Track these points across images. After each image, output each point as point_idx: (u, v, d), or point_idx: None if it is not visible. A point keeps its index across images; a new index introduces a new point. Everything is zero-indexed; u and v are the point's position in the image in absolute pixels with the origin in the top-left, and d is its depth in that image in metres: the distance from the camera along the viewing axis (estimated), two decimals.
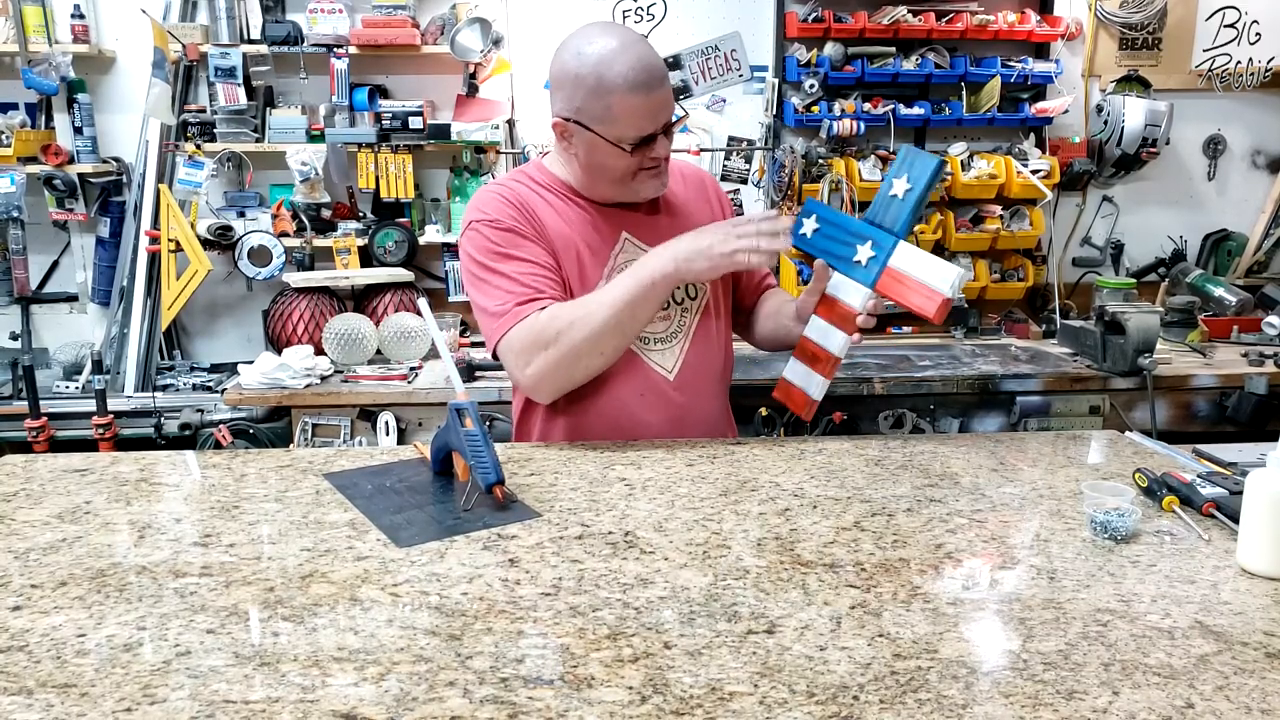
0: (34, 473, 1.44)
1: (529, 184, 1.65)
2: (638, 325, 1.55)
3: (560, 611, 0.98)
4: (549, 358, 1.51)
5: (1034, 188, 3.27)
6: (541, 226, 1.60)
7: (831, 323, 1.58)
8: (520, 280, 1.55)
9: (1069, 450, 1.56)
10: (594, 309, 1.51)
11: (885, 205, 1.56)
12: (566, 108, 1.54)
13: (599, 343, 1.51)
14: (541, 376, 1.54)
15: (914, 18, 3.29)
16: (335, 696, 0.82)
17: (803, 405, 1.63)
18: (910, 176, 1.54)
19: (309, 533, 1.19)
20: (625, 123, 1.51)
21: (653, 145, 1.55)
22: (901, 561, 1.11)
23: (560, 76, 1.54)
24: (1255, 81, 3.44)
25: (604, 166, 1.57)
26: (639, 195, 1.62)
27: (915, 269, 1.51)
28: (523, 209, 1.60)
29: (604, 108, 1.50)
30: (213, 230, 3.19)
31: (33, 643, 0.92)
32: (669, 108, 1.56)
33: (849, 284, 1.57)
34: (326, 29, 3.20)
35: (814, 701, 0.82)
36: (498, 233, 1.57)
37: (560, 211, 1.62)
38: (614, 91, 1.49)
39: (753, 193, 3.46)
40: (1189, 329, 3.15)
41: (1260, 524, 1.07)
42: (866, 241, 1.55)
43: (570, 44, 1.54)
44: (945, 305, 1.48)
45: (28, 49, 3.15)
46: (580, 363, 1.53)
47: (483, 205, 1.61)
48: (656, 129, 1.54)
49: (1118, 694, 0.83)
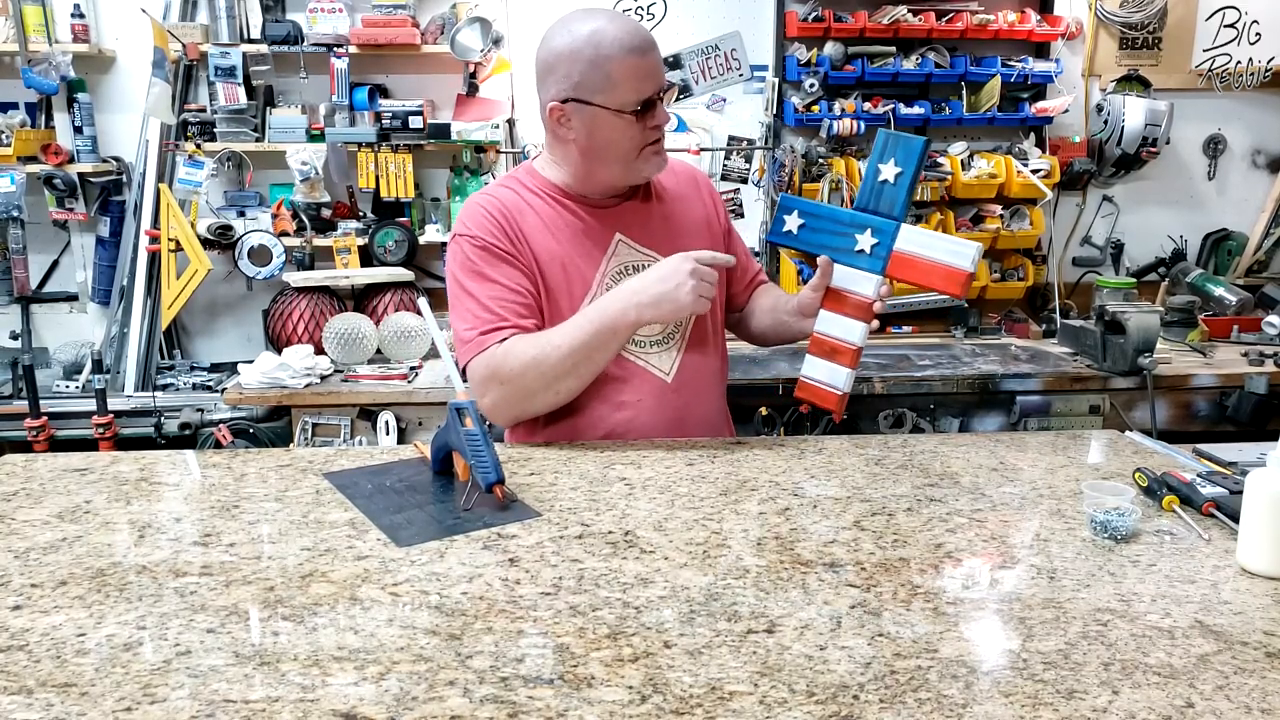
0: (34, 472, 1.44)
1: (519, 190, 1.64)
2: (595, 368, 1.55)
3: (560, 611, 0.98)
4: (503, 393, 1.53)
5: (1034, 187, 3.27)
6: (524, 241, 1.59)
7: (846, 314, 1.57)
8: (488, 306, 1.55)
9: (1069, 450, 1.56)
10: (550, 351, 1.51)
11: (876, 191, 1.56)
12: (564, 88, 1.54)
13: (553, 383, 1.53)
14: (495, 408, 1.56)
15: (914, 17, 3.28)
16: (335, 696, 0.82)
17: (833, 401, 1.60)
18: (897, 159, 1.54)
19: (309, 532, 1.19)
20: (626, 86, 1.51)
21: (654, 112, 1.55)
22: (901, 561, 1.11)
23: (552, 59, 1.55)
24: (1255, 81, 3.44)
25: (608, 144, 1.56)
26: (641, 175, 1.62)
27: (927, 249, 1.51)
28: (506, 223, 1.59)
29: (604, 76, 1.51)
30: (213, 230, 3.19)
31: (33, 642, 0.92)
32: (663, 73, 1.57)
33: (856, 273, 1.57)
34: (326, 28, 3.20)
35: (814, 701, 0.82)
36: (476, 250, 1.58)
37: (549, 220, 1.61)
38: (612, 56, 1.50)
39: (753, 192, 3.46)
40: (1189, 329, 3.14)
41: (1260, 524, 1.07)
42: (865, 229, 1.56)
43: (556, 29, 1.56)
44: (969, 280, 1.49)
45: (28, 48, 3.15)
46: (535, 399, 1.55)
47: (467, 219, 1.61)
48: (657, 91, 1.54)
49: (1118, 694, 0.83)
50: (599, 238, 1.63)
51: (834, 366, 1.59)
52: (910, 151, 1.53)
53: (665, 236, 1.67)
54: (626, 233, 1.65)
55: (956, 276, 1.49)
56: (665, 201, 1.71)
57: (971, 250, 1.49)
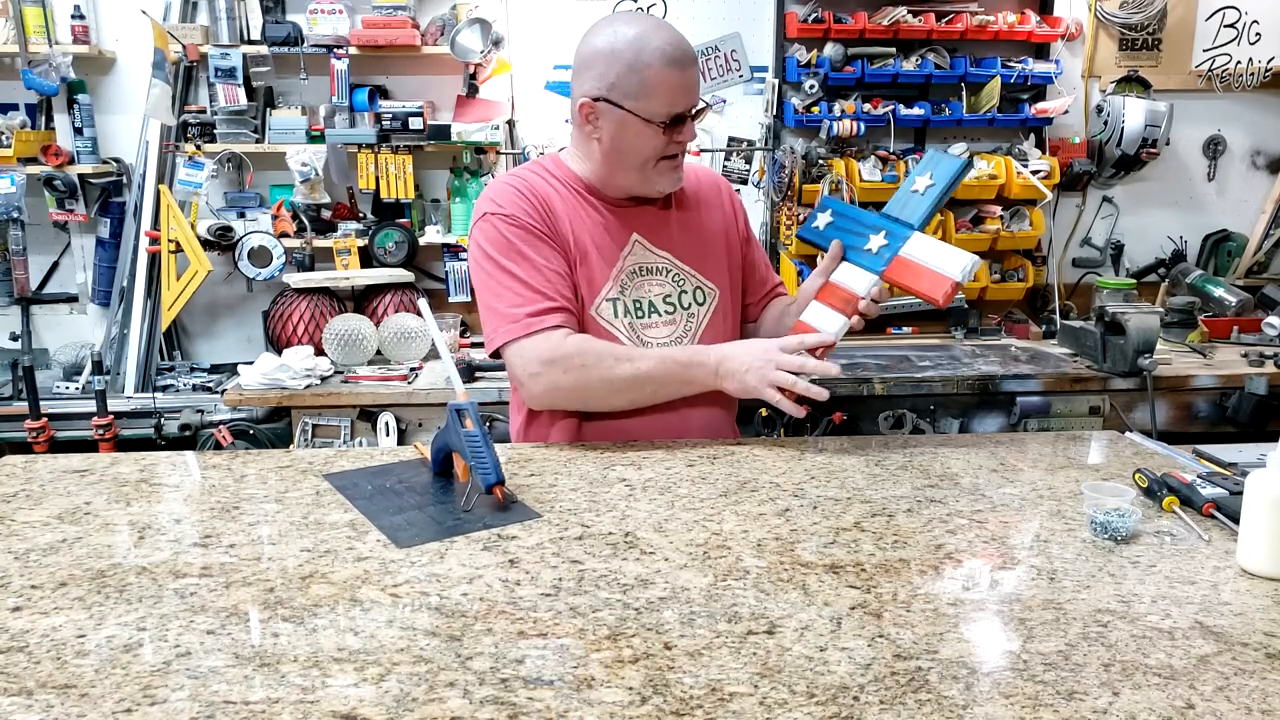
0: (34, 473, 1.44)
1: (545, 177, 1.64)
2: (653, 399, 1.57)
3: (560, 612, 0.98)
4: (565, 380, 1.52)
5: (1034, 188, 3.27)
6: (557, 224, 1.59)
7: (832, 306, 1.58)
8: (532, 285, 1.54)
9: (1069, 450, 1.56)
10: (626, 365, 1.52)
11: (904, 200, 1.60)
12: (598, 86, 1.54)
13: (614, 394, 1.55)
14: (549, 392, 1.55)
15: (914, 18, 3.29)
16: (335, 697, 0.82)
17: None
18: (934, 174, 1.58)
19: (309, 533, 1.19)
20: (660, 97, 1.52)
21: (681, 128, 1.56)
22: (901, 562, 1.11)
23: (591, 56, 1.55)
24: (1255, 82, 3.44)
25: (631, 149, 1.56)
26: (655, 187, 1.62)
27: (928, 257, 1.53)
28: (539, 204, 1.59)
29: (639, 82, 1.51)
30: (213, 231, 3.19)
31: (33, 643, 0.92)
32: (698, 90, 1.58)
33: (856, 271, 1.58)
34: (326, 29, 3.20)
35: (814, 702, 0.82)
36: (513, 229, 1.56)
37: (572, 211, 1.62)
38: (651, 65, 1.50)
39: (753, 193, 3.46)
40: (1189, 329, 3.15)
41: (1260, 524, 1.07)
42: (881, 232, 1.58)
43: (601, 26, 1.56)
44: (954, 290, 1.50)
45: (28, 49, 3.15)
46: (589, 398, 1.56)
47: (498, 197, 1.59)
48: (688, 107, 1.55)
49: (1118, 694, 0.83)
50: (617, 235, 1.63)
51: None
52: (948, 168, 1.58)
53: (682, 242, 1.68)
54: (643, 233, 1.65)
55: (942, 283, 1.50)
56: (685, 209, 1.71)
57: (966, 262, 1.50)
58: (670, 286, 1.66)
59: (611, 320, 1.61)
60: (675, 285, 1.66)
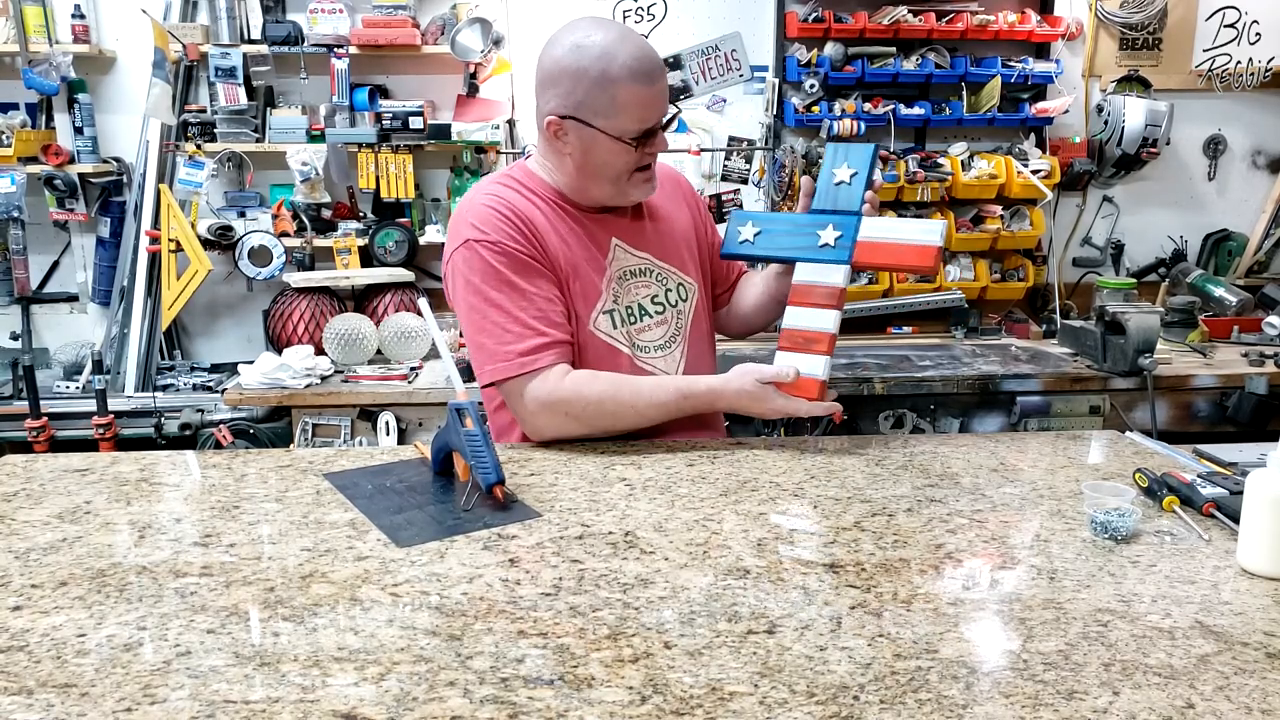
0: (34, 473, 1.44)
1: (522, 192, 1.58)
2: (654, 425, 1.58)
3: (560, 611, 0.98)
4: (567, 425, 1.53)
5: (1034, 188, 3.27)
6: (544, 243, 1.54)
7: (815, 306, 1.58)
8: (522, 319, 1.50)
9: (1069, 450, 1.56)
10: (628, 408, 1.52)
11: (833, 193, 1.63)
12: (564, 104, 1.50)
13: (615, 428, 1.56)
14: (549, 432, 1.55)
15: (914, 18, 3.29)
16: (335, 696, 0.82)
17: (814, 390, 1.54)
18: (850, 163, 1.63)
19: (309, 533, 1.19)
20: (629, 115, 1.49)
21: (653, 140, 1.54)
22: (902, 561, 1.11)
23: (555, 72, 1.50)
24: (1255, 81, 3.44)
25: (603, 165, 1.53)
26: (629, 198, 1.60)
27: (893, 233, 1.57)
28: (524, 226, 1.53)
29: (608, 100, 1.47)
30: (213, 230, 3.19)
31: (33, 643, 0.92)
32: (667, 99, 1.56)
33: (822, 266, 1.59)
34: (327, 29, 3.20)
35: (814, 701, 0.82)
36: (498, 256, 1.50)
37: (555, 224, 1.57)
38: (619, 82, 1.46)
39: (753, 193, 3.46)
40: (1189, 329, 3.14)
41: (1260, 524, 1.07)
42: (827, 225, 1.60)
43: (563, 39, 1.50)
44: (940, 254, 1.54)
45: (28, 49, 3.15)
46: (594, 432, 1.56)
47: (479, 221, 1.52)
48: (659, 121, 1.53)
49: (1118, 694, 0.83)
50: (600, 243, 1.61)
51: (810, 357, 1.56)
52: (863, 155, 1.62)
53: (656, 241, 1.68)
54: (621, 237, 1.64)
55: (927, 251, 1.53)
56: (653, 208, 1.70)
57: (939, 226, 1.55)
58: (655, 286, 1.66)
59: (610, 333, 1.60)
60: (660, 284, 1.66)
